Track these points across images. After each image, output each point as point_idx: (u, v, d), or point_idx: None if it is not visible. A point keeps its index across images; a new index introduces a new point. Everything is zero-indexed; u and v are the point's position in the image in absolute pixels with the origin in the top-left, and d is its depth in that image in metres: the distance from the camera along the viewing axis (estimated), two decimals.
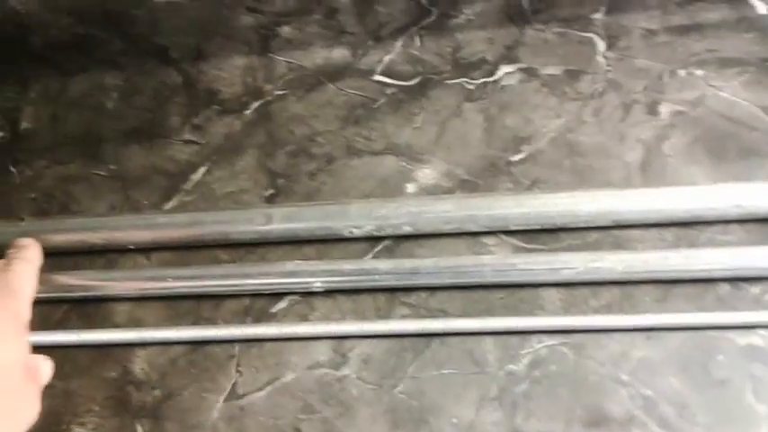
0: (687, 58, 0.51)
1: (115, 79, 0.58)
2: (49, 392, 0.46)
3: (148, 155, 0.54)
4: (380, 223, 0.45)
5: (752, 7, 0.51)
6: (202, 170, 0.52)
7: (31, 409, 0.38)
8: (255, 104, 0.55)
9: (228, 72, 0.57)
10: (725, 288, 0.42)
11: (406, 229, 0.45)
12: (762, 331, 0.41)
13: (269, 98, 0.55)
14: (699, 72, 0.50)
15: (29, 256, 0.43)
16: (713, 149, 0.47)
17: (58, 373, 0.46)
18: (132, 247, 0.49)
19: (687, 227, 0.44)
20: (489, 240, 0.46)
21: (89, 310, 0.48)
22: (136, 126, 0.55)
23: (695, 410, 0.39)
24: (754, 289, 0.42)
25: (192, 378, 0.45)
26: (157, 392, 0.45)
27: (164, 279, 0.46)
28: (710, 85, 0.49)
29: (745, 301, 0.42)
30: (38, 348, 0.46)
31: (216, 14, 0.58)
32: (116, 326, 0.47)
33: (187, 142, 0.54)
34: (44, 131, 0.56)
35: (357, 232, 0.46)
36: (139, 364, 0.46)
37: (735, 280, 0.42)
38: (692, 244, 0.44)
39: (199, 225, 0.47)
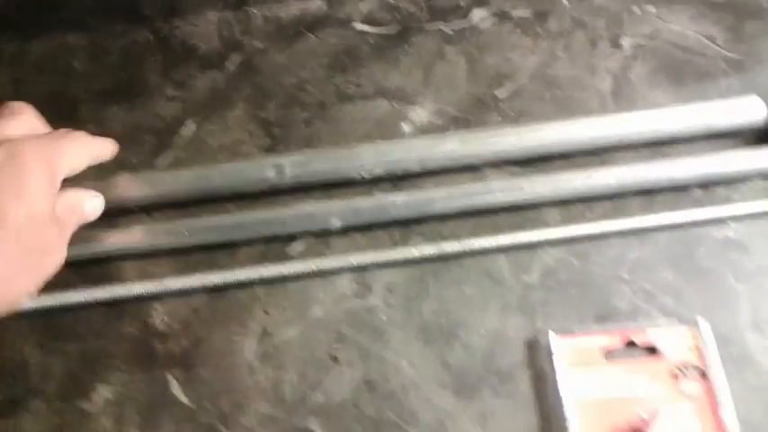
0: None
1: (79, 40, 0.55)
2: (63, 357, 0.44)
3: (130, 113, 0.52)
4: (389, 165, 0.47)
5: None
6: (192, 125, 0.52)
7: (57, 254, 0.37)
8: (235, 57, 0.55)
9: (203, 27, 0.56)
10: (698, 193, 0.48)
11: (413, 168, 0.48)
12: (732, 224, 0.47)
13: (249, 50, 0.55)
14: (651, 9, 0.55)
15: (97, 150, 0.42)
16: (672, 75, 0.53)
17: (71, 336, 0.45)
18: (134, 207, 0.47)
19: (662, 145, 0.50)
20: (492, 173, 0.49)
21: (93, 271, 0.46)
22: (111, 86, 0.54)
23: (688, 296, 0.45)
24: (722, 191, 0.48)
25: (217, 324, 0.45)
26: (184, 342, 0.44)
27: (176, 232, 0.46)
28: (662, 20, 0.55)
29: (716, 201, 0.48)
30: (45, 312, 0.45)
31: None
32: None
33: (170, 98, 0.53)
34: (8, 96, 0.52)
35: (366, 175, 0.47)
36: (159, 317, 0.45)
37: (706, 185, 0.48)
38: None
39: (204, 181, 0.47)
